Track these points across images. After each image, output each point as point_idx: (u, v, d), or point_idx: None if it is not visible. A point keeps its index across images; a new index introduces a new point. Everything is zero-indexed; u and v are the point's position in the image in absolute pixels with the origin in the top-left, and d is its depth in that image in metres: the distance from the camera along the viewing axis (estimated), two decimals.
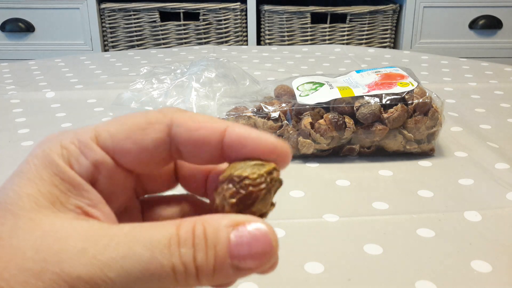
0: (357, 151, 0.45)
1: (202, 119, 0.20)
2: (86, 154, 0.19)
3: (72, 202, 0.18)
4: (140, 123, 0.19)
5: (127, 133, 0.19)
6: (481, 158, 0.45)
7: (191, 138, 0.19)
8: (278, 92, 0.49)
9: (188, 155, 0.20)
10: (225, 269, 0.17)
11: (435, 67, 0.79)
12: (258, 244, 0.17)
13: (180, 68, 0.58)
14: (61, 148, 0.19)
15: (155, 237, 0.17)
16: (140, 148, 0.19)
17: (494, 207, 0.37)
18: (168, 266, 0.16)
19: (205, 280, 0.17)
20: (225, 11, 1.50)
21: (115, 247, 0.16)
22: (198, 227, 0.17)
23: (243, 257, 0.17)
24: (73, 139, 0.19)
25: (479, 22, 1.56)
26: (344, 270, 0.30)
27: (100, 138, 0.19)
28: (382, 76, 0.48)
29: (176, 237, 0.17)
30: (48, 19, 1.54)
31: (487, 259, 0.31)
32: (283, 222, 0.36)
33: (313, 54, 0.87)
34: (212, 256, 0.17)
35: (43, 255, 0.16)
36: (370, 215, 0.37)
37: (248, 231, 0.17)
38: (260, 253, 0.17)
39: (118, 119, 0.20)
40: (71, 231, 0.17)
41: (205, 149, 0.20)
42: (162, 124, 0.19)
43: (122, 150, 0.19)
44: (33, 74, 0.76)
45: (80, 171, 0.19)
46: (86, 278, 0.16)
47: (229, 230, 0.17)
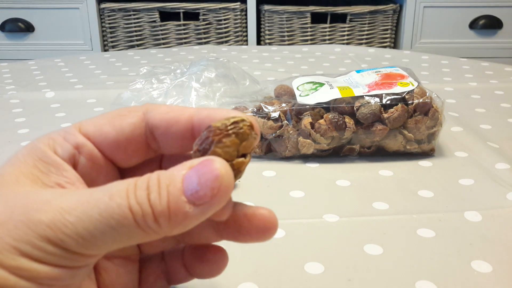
0: (357, 151, 0.45)
1: (174, 107, 0.22)
2: (68, 139, 0.21)
3: (52, 179, 0.20)
4: (119, 112, 0.22)
5: (107, 120, 0.22)
6: (482, 158, 0.45)
7: (163, 119, 0.21)
8: (278, 92, 0.49)
9: (161, 138, 0.22)
10: (181, 206, 0.17)
11: (435, 67, 0.79)
12: (205, 171, 0.17)
13: (180, 68, 0.57)
14: (48, 139, 0.21)
15: (114, 186, 0.18)
16: (118, 131, 0.21)
17: (495, 207, 0.37)
18: (124, 205, 0.17)
19: (163, 219, 0.17)
20: (225, 11, 1.50)
21: (78, 197, 0.18)
22: (153, 174, 0.18)
23: (196, 191, 0.17)
24: (60, 132, 0.21)
25: (479, 22, 1.55)
26: (344, 270, 0.30)
27: (82, 127, 0.21)
28: (382, 76, 0.48)
29: (133, 184, 0.18)
30: (48, 19, 1.54)
31: (488, 259, 0.31)
32: (283, 222, 0.35)
33: (313, 54, 0.87)
34: (165, 195, 0.17)
35: (12, 207, 0.17)
36: (370, 215, 0.37)
37: (198, 167, 0.18)
38: (209, 180, 0.17)
39: (101, 114, 0.22)
40: (47, 194, 0.18)
41: (176, 128, 0.21)
42: (139, 112, 0.22)
43: (101, 133, 0.21)
44: (32, 74, 0.76)
45: (62, 154, 0.20)
46: (47, 222, 0.17)
47: (183, 172, 0.18)
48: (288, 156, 0.45)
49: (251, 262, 0.31)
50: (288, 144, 0.44)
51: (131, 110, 0.22)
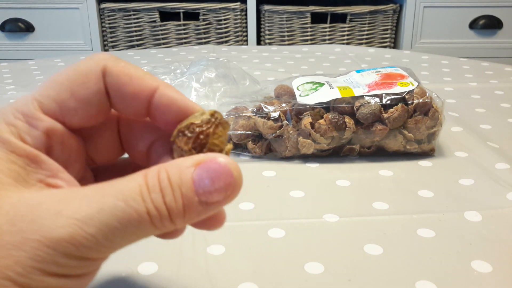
0: (357, 151, 0.45)
1: (134, 73, 0.20)
2: (35, 125, 0.19)
3: (33, 177, 0.18)
4: (77, 78, 0.19)
5: (69, 92, 0.19)
6: (482, 158, 0.45)
7: (121, 91, 0.20)
8: (278, 92, 0.49)
9: (118, 106, 0.20)
10: (194, 206, 0.18)
11: (435, 67, 0.79)
12: (220, 176, 0.18)
13: (180, 68, 0.57)
14: (8, 126, 0.18)
15: (125, 187, 0.17)
16: (85, 103, 0.19)
17: (495, 207, 0.37)
18: (143, 211, 0.17)
19: (179, 220, 0.18)
20: (225, 11, 1.50)
21: (89, 204, 0.17)
22: (162, 172, 0.18)
23: (209, 192, 0.18)
24: (16, 114, 0.19)
25: (479, 22, 1.55)
26: (344, 270, 0.30)
27: (44, 106, 0.19)
28: (382, 76, 0.48)
29: (145, 185, 0.17)
30: (48, 19, 1.54)
31: (488, 259, 0.31)
32: (283, 222, 0.35)
33: (313, 54, 0.87)
34: (180, 197, 0.17)
35: (19, 225, 0.16)
36: (371, 215, 0.37)
37: (209, 166, 0.18)
38: (224, 185, 0.18)
39: (52, 81, 0.19)
40: (41, 198, 0.17)
41: (133, 104, 0.20)
42: (97, 74, 0.19)
43: (69, 111, 0.19)
44: (32, 74, 0.76)
45: (34, 143, 0.19)
46: (68, 239, 0.16)
47: (191, 170, 0.18)
48: (288, 156, 0.45)
49: (251, 262, 0.31)
50: (288, 144, 0.44)
51: (88, 73, 0.19)
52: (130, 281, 0.29)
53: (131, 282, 0.29)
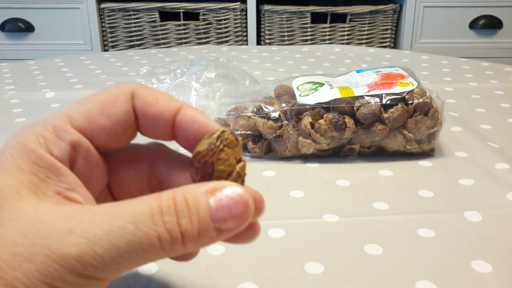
0: (357, 151, 0.45)
1: (160, 96, 0.21)
2: (63, 137, 0.19)
3: (52, 188, 0.18)
4: (108, 99, 0.21)
5: (99, 110, 0.20)
6: (482, 158, 0.45)
7: (148, 111, 0.21)
8: (278, 92, 0.49)
9: (144, 128, 0.21)
10: (209, 232, 0.18)
11: (435, 67, 0.79)
12: (237, 205, 0.18)
13: (180, 68, 0.57)
14: (36, 136, 0.19)
15: (136, 210, 0.17)
16: (113, 121, 0.20)
17: (495, 207, 0.37)
18: (153, 235, 0.17)
19: (191, 244, 0.18)
20: (225, 11, 1.50)
21: (99, 224, 0.17)
22: (178, 195, 0.18)
23: (224, 219, 0.18)
24: (46, 125, 0.20)
25: (479, 22, 1.55)
26: (344, 270, 0.30)
27: (74, 121, 0.20)
28: (382, 76, 0.48)
29: (158, 208, 0.17)
30: (48, 19, 1.54)
31: (488, 259, 0.31)
32: (283, 222, 0.35)
33: (313, 54, 0.87)
34: (196, 220, 0.18)
35: (31, 239, 0.17)
36: (370, 215, 0.37)
37: (226, 195, 0.18)
38: (239, 213, 0.18)
39: (86, 99, 0.21)
40: (55, 213, 0.17)
41: (158, 124, 0.21)
42: (126, 96, 0.21)
43: (98, 127, 0.20)
44: (32, 74, 0.76)
45: (59, 154, 0.19)
46: (76, 257, 0.16)
47: (208, 196, 0.18)
48: (288, 156, 0.45)
49: (251, 262, 0.31)
50: (288, 144, 0.44)
51: (118, 95, 0.21)
52: (130, 281, 0.29)
53: (131, 282, 0.29)
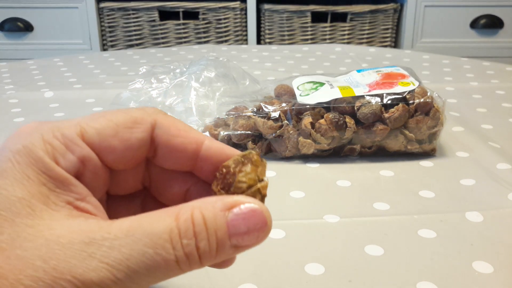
0: (358, 151, 0.45)
1: (182, 127, 0.21)
2: (72, 149, 0.19)
3: (62, 198, 0.18)
4: (126, 122, 0.20)
5: (114, 131, 0.20)
6: (483, 158, 0.45)
7: (170, 143, 0.21)
8: (278, 91, 0.49)
9: (162, 158, 0.21)
10: (226, 249, 0.18)
11: (436, 67, 0.78)
12: (255, 222, 0.18)
13: (179, 68, 0.57)
14: (44, 143, 0.18)
15: (155, 231, 0.17)
16: (126, 146, 0.20)
17: (496, 208, 0.37)
18: (172, 260, 0.17)
19: (209, 262, 0.18)
20: (224, 10, 1.49)
21: (119, 248, 0.17)
22: (196, 215, 0.18)
23: (242, 237, 0.18)
24: (56, 133, 0.19)
25: (480, 21, 1.55)
26: (345, 271, 0.30)
27: (86, 135, 0.19)
28: (383, 75, 0.47)
29: (176, 229, 0.17)
30: (47, 19, 1.53)
31: (489, 260, 0.31)
32: (283, 222, 0.35)
33: (314, 54, 0.87)
34: (214, 242, 0.18)
35: (52, 263, 0.16)
36: (371, 215, 0.36)
37: (243, 212, 0.18)
38: (257, 230, 0.18)
39: (103, 115, 0.20)
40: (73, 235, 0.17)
41: (180, 155, 0.21)
42: (147, 124, 0.20)
43: (108, 147, 0.20)
44: (31, 74, 0.76)
45: (67, 166, 0.19)
46: (97, 282, 0.17)
47: (226, 214, 0.18)
48: (288, 156, 0.45)
49: (251, 262, 0.31)
50: (288, 144, 0.44)
51: (138, 121, 0.20)
52: None
53: None
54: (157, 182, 0.23)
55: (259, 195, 0.20)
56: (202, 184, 0.23)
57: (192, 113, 0.49)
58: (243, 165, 0.20)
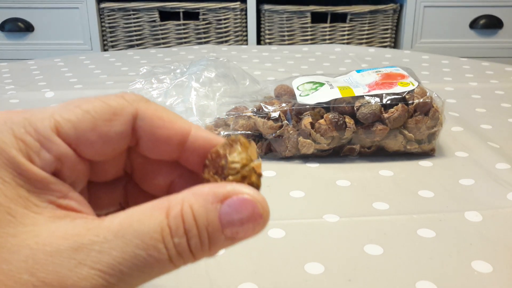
0: (357, 151, 0.45)
1: (167, 117, 0.19)
2: (47, 147, 0.17)
3: (43, 198, 0.17)
4: (104, 113, 0.18)
5: (91, 124, 0.18)
6: (482, 158, 0.45)
7: (153, 135, 0.19)
8: (278, 92, 0.49)
9: (145, 148, 0.20)
10: (220, 243, 0.17)
11: (436, 67, 0.78)
12: (249, 214, 0.17)
13: (179, 68, 0.57)
14: (16, 140, 0.17)
15: (146, 231, 0.16)
16: (104, 140, 0.18)
17: (495, 207, 0.37)
18: (164, 259, 0.17)
19: (203, 257, 0.17)
20: (225, 10, 1.49)
21: (110, 252, 0.16)
22: (186, 210, 0.17)
23: (236, 230, 0.17)
24: (28, 128, 0.17)
25: (479, 21, 1.55)
26: (345, 271, 0.30)
27: (61, 129, 0.18)
28: (382, 75, 0.47)
29: (167, 227, 0.16)
30: (48, 19, 1.54)
31: (488, 259, 0.31)
32: (283, 222, 0.35)
33: (313, 54, 0.87)
34: (206, 238, 0.17)
35: (41, 276, 0.15)
36: (371, 215, 0.36)
37: (236, 203, 0.17)
38: (252, 223, 0.17)
39: (78, 105, 0.18)
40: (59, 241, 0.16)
41: (165, 147, 0.20)
42: (127, 116, 0.19)
43: (86, 142, 0.18)
44: (32, 74, 0.76)
45: (43, 165, 0.17)
46: None
47: (217, 207, 0.17)
48: (288, 156, 0.45)
49: (251, 262, 0.31)
50: (288, 144, 0.44)
51: (117, 112, 0.18)
52: None
53: None
54: (140, 171, 0.22)
55: (254, 174, 0.19)
56: (188, 176, 0.21)
57: (192, 113, 0.49)
58: (232, 147, 0.19)
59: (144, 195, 0.22)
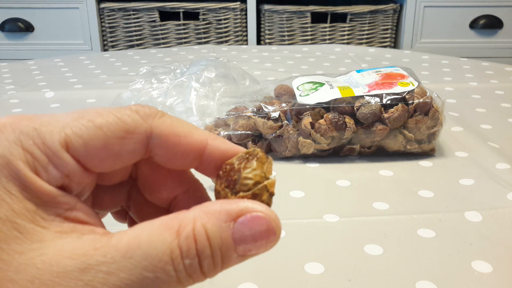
0: (357, 151, 0.45)
1: (182, 132, 0.19)
2: (56, 164, 0.17)
3: (50, 211, 0.17)
4: (117, 131, 0.18)
5: (103, 142, 0.17)
6: (482, 158, 0.45)
7: (169, 151, 0.19)
8: (278, 92, 0.49)
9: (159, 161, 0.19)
10: (232, 261, 0.17)
11: (436, 67, 0.78)
12: (262, 231, 0.17)
13: (179, 68, 0.57)
14: (23, 152, 0.16)
15: (154, 252, 0.16)
16: (115, 158, 0.18)
17: (495, 207, 0.37)
18: (174, 281, 0.16)
19: (212, 276, 0.17)
20: (225, 10, 1.49)
21: (117, 273, 0.16)
22: (198, 230, 0.16)
23: (249, 249, 0.17)
24: (36, 140, 0.17)
25: (479, 21, 1.55)
26: (345, 271, 0.30)
27: (71, 145, 0.17)
28: (382, 76, 0.47)
29: (178, 249, 0.16)
30: (48, 19, 1.54)
31: (488, 259, 0.31)
32: (283, 222, 0.35)
33: (313, 54, 0.87)
34: (219, 259, 0.17)
35: None
36: (371, 215, 0.37)
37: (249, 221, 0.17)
38: (265, 241, 0.17)
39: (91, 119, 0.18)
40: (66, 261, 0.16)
41: (181, 161, 0.19)
42: (141, 134, 0.18)
43: (95, 159, 0.18)
44: (32, 74, 0.76)
45: (49, 180, 0.17)
46: None
47: (230, 226, 0.17)
48: (288, 156, 0.45)
49: (251, 262, 0.31)
50: (288, 144, 0.44)
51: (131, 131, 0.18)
52: None
53: None
54: (145, 181, 0.21)
55: (266, 193, 0.18)
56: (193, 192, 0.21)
57: (192, 113, 0.49)
58: (248, 161, 0.19)
59: (146, 202, 0.22)
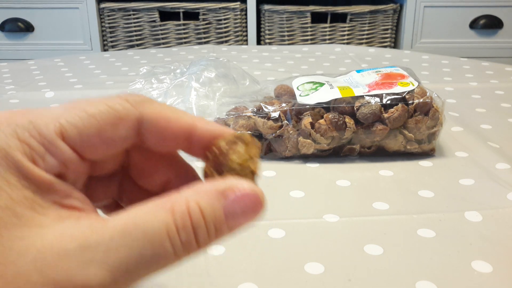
0: (357, 151, 0.45)
1: (172, 116, 0.20)
2: (52, 152, 0.18)
3: (48, 199, 0.17)
4: (109, 118, 0.19)
5: (96, 129, 0.18)
6: (482, 158, 0.45)
7: (159, 135, 0.20)
8: (278, 92, 0.49)
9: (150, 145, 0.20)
10: (224, 232, 0.18)
11: (436, 67, 0.78)
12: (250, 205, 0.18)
13: (179, 68, 0.57)
14: (21, 144, 0.17)
15: (151, 229, 0.17)
16: (108, 144, 0.19)
17: (495, 207, 0.37)
18: (171, 256, 0.17)
19: (205, 248, 0.18)
20: (225, 10, 1.49)
21: (116, 251, 0.17)
22: (193, 207, 0.17)
23: (238, 222, 0.18)
24: (32, 131, 0.17)
25: (479, 21, 1.55)
26: (345, 271, 0.30)
27: (66, 134, 0.18)
28: (382, 76, 0.48)
29: (173, 226, 0.17)
30: (48, 19, 1.54)
31: (488, 259, 0.31)
32: (283, 222, 0.35)
33: (313, 54, 0.87)
34: (213, 232, 0.18)
35: (51, 275, 0.16)
36: (371, 215, 0.37)
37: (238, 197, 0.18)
38: (253, 213, 0.18)
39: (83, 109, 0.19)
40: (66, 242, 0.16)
41: (170, 144, 0.20)
42: (132, 120, 0.19)
43: (90, 146, 0.19)
44: (32, 74, 0.76)
45: (47, 168, 0.18)
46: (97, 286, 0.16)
47: (222, 202, 0.18)
48: (288, 156, 0.45)
49: (251, 262, 0.31)
50: (288, 144, 0.44)
51: (122, 117, 0.19)
52: None
53: None
54: (138, 168, 0.22)
55: (250, 174, 0.20)
56: (184, 175, 0.22)
57: (192, 113, 0.49)
58: (235, 144, 0.20)
59: (138, 191, 0.23)
